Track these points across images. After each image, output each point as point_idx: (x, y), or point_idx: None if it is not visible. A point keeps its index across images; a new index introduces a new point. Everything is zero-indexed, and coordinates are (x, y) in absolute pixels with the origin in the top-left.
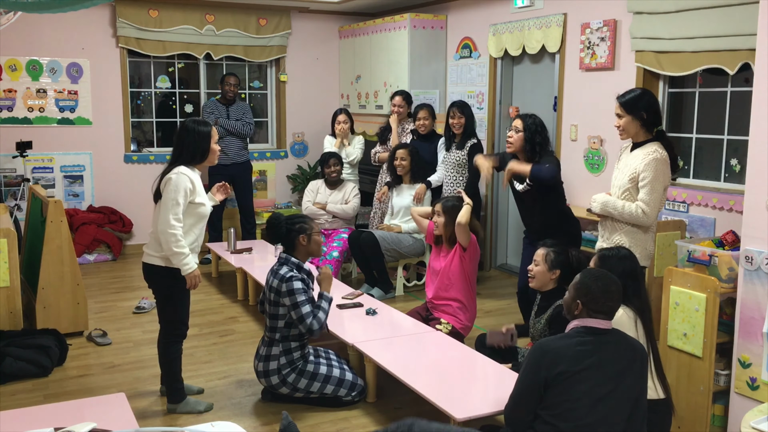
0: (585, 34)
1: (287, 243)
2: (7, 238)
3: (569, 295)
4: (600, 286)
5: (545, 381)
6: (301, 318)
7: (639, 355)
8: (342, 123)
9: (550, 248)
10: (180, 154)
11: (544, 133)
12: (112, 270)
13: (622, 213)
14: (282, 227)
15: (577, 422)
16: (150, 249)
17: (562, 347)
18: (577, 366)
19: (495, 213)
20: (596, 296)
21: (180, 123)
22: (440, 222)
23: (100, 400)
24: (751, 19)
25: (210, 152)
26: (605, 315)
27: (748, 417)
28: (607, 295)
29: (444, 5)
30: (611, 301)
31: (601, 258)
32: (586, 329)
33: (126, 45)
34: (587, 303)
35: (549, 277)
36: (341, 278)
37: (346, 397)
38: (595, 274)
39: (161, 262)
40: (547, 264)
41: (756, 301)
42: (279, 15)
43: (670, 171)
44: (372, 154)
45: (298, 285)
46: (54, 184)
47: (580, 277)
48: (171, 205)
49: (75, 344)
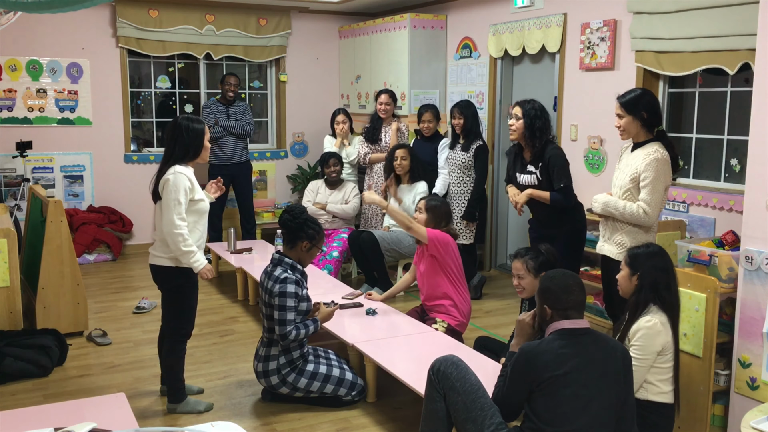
0: (585, 34)
1: (291, 238)
2: (7, 238)
3: (537, 305)
4: (557, 284)
5: (530, 386)
6: (282, 322)
7: (620, 354)
8: (342, 123)
9: (525, 257)
10: (173, 152)
11: (544, 117)
12: (112, 270)
13: (623, 213)
14: (300, 220)
15: (566, 427)
16: (157, 251)
17: (544, 351)
18: (561, 369)
19: (495, 213)
20: (557, 294)
21: (172, 120)
22: (422, 219)
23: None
24: (751, 19)
25: (203, 149)
26: (576, 312)
27: (748, 417)
28: (567, 289)
29: (444, 5)
30: (573, 294)
31: (630, 255)
32: (561, 333)
33: (126, 45)
34: (553, 305)
35: (537, 284)
36: (341, 278)
37: (346, 396)
38: (550, 275)
39: (170, 262)
40: (532, 272)
41: (756, 301)
42: (279, 15)
43: (671, 171)
44: (361, 156)
45: (291, 289)
46: (54, 184)
47: (540, 283)
48: (173, 205)
49: (75, 344)
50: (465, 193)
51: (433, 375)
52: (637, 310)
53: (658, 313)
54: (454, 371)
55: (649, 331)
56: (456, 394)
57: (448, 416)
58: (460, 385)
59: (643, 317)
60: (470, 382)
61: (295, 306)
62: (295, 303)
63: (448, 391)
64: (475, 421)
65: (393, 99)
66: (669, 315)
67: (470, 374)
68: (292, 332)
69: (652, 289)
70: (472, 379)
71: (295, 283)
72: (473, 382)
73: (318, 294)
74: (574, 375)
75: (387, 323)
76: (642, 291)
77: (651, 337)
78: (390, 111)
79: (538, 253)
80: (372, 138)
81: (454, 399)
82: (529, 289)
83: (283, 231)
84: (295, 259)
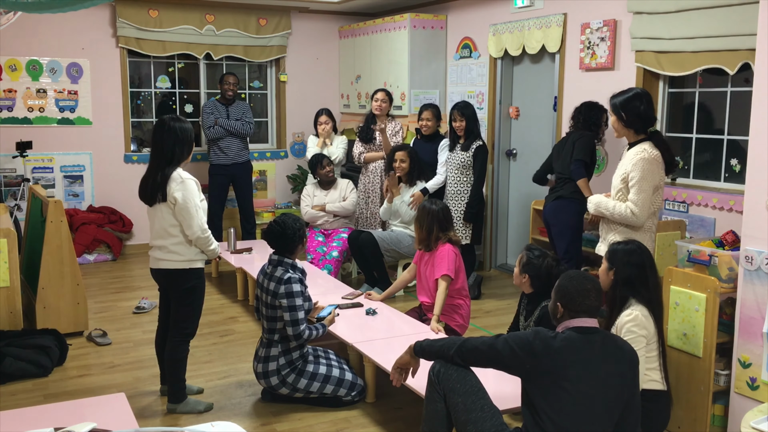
0: (585, 34)
1: (291, 249)
2: (7, 238)
3: (552, 299)
4: (575, 286)
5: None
6: (295, 321)
7: (628, 356)
8: (324, 123)
9: (527, 252)
10: (173, 155)
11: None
12: (112, 270)
13: (613, 213)
14: (295, 235)
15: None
16: (166, 255)
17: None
18: (564, 363)
19: (495, 213)
20: (573, 296)
21: (158, 125)
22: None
23: (100, 400)
24: (751, 19)
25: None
26: (587, 314)
27: (748, 417)
28: (584, 293)
29: (444, 5)
30: (588, 299)
31: (609, 251)
32: (571, 330)
33: (126, 45)
34: (566, 304)
35: (520, 279)
36: (341, 278)
37: (346, 397)
38: (571, 275)
39: (184, 265)
40: (519, 267)
41: (756, 301)
42: (279, 15)
43: (661, 171)
44: (356, 155)
45: (297, 288)
46: (54, 184)
47: (560, 280)
48: (195, 211)
49: (75, 344)
50: (463, 193)
51: (434, 376)
52: (615, 305)
53: (638, 306)
54: (454, 372)
55: (632, 326)
56: (456, 395)
57: (448, 417)
58: (461, 387)
59: (625, 311)
60: (470, 383)
61: (303, 305)
62: (304, 302)
63: (448, 392)
64: (476, 422)
65: (389, 98)
66: (649, 309)
67: (470, 375)
68: (305, 331)
69: (627, 284)
70: (472, 380)
71: (299, 282)
72: (473, 384)
73: (318, 294)
74: (577, 372)
75: (387, 323)
76: (617, 287)
77: (636, 330)
78: (385, 109)
79: (543, 254)
80: (366, 137)
81: (455, 400)
82: (516, 280)
83: (280, 243)
84: (294, 260)
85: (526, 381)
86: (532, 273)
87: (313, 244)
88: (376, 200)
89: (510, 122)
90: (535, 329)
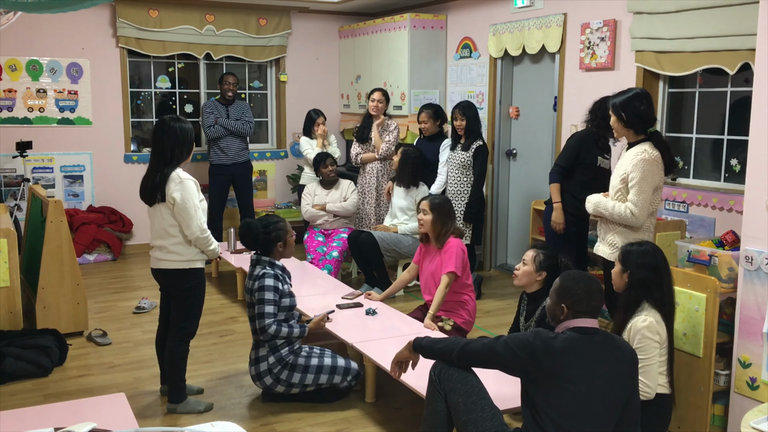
0: (585, 34)
1: (265, 250)
2: (7, 238)
3: (551, 300)
4: (582, 287)
5: (525, 367)
6: (261, 315)
7: (627, 356)
8: (322, 124)
9: (541, 250)
10: (172, 156)
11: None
12: (112, 270)
13: (612, 213)
14: (259, 237)
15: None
16: (166, 255)
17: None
18: (565, 364)
19: (495, 213)
20: (580, 298)
21: (158, 125)
22: (427, 220)
23: (100, 400)
24: (751, 19)
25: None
26: (590, 315)
27: (748, 417)
28: (591, 294)
29: (444, 5)
30: (594, 300)
31: (623, 252)
32: (572, 330)
33: (126, 45)
34: (572, 306)
35: (534, 278)
36: (341, 278)
37: (342, 383)
38: (575, 276)
39: (184, 264)
40: (535, 265)
41: (756, 301)
42: (279, 15)
43: (661, 171)
44: (353, 156)
45: (269, 282)
46: (54, 184)
47: (560, 281)
48: (193, 211)
49: (75, 344)
50: (463, 193)
51: (435, 376)
52: (629, 308)
53: (652, 311)
54: (455, 372)
55: (647, 332)
56: (457, 395)
57: (449, 417)
58: (462, 387)
59: (638, 316)
60: (471, 383)
61: (274, 299)
62: (274, 296)
63: (449, 392)
64: (476, 422)
65: (386, 98)
66: (662, 313)
67: (471, 376)
68: (271, 326)
69: (642, 287)
70: (473, 380)
71: (273, 277)
72: (474, 384)
73: (318, 294)
74: (576, 372)
75: (387, 323)
76: (632, 289)
77: (650, 337)
78: (381, 109)
79: (554, 254)
80: (362, 137)
81: (455, 400)
82: (522, 279)
83: (249, 243)
84: (277, 258)
85: (527, 381)
86: (552, 271)
87: (313, 244)
88: (372, 201)
89: (510, 122)
90: (535, 330)
